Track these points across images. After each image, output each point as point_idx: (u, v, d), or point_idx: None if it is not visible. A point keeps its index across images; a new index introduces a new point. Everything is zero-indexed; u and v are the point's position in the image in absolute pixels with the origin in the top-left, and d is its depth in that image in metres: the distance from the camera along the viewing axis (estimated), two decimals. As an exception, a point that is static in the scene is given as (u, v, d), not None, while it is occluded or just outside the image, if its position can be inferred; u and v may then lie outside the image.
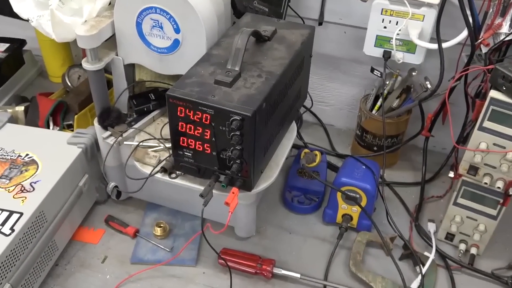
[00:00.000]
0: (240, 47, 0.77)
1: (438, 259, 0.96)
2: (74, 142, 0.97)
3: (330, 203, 1.00)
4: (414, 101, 1.06)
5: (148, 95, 0.99)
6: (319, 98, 1.29)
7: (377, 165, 1.02)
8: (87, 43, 0.85)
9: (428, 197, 1.10)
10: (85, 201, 1.01)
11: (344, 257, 0.97)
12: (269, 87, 0.76)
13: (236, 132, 0.72)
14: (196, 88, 0.74)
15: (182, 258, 0.94)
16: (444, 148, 1.21)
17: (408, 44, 0.98)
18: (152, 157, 0.89)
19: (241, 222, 0.96)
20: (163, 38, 0.87)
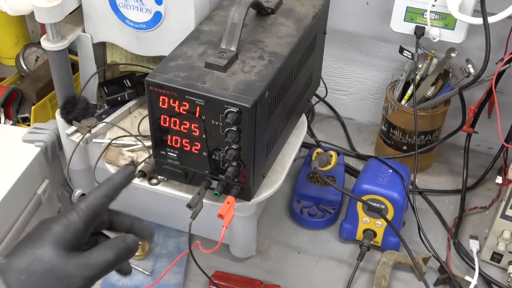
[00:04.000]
0: (237, 22, 0.77)
1: (482, 284, 0.96)
2: (31, 139, 0.97)
3: (349, 216, 1.01)
4: (453, 89, 1.06)
5: (123, 81, 1.00)
6: (335, 85, 1.29)
7: (407, 168, 1.02)
8: (47, 17, 0.85)
9: (470, 208, 1.10)
10: (45, 212, 1.01)
11: (366, 283, 0.97)
12: (273, 71, 0.76)
13: (232, 128, 0.73)
14: (182, 73, 0.74)
15: (165, 284, 0.95)
16: (490, 147, 1.21)
17: (446, 18, 0.98)
18: (128, 158, 0.89)
19: (238, 239, 0.97)
20: (141, 10, 0.87)
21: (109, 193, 0.53)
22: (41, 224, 0.51)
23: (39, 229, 0.50)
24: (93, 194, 0.52)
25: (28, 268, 0.47)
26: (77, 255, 0.50)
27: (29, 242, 0.49)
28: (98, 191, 0.53)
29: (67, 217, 0.51)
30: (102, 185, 0.54)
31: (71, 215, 0.51)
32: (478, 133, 1.12)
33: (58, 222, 0.50)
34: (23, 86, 1.17)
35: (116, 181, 0.54)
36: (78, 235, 0.50)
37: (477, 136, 1.13)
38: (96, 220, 0.53)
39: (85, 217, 0.51)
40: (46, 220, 0.51)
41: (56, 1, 0.84)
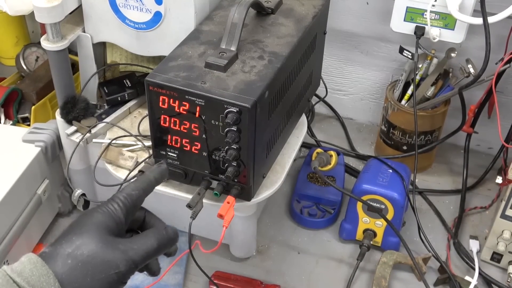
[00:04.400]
0: (237, 22, 0.77)
1: (482, 284, 0.96)
2: (31, 139, 0.97)
3: (349, 216, 1.01)
4: (453, 89, 1.06)
5: (123, 81, 1.00)
6: (335, 85, 1.29)
7: (407, 168, 1.02)
8: (47, 17, 0.85)
9: (470, 208, 1.10)
10: (45, 212, 1.01)
11: (366, 283, 0.97)
12: (273, 71, 0.76)
13: (231, 128, 0.73)
14: (182, 73, 0.74)
15: (165, 284, 0.95)
16: (490, 147, 1.22)
17: (446, 18, 0.98)
18: (128, 159, 0.89)
19: (238, 239, 0.97)
20: (141, 10, 0.87)
21: (144, 187, 0.55)
22: (82, 214, 0.52)
23: (82, 219, 0.52)
24: (129, 187, 0.54)
25: (74, 252, 0.48)
26: (121, 241, 0.51)
27: (73, 230, 0.51)
28: (134, 184, 0.55)
29: (108, 206, 0.52)
30: (137, 179, 0.56)
31: (111, 205, 0.52)
32: (478, 133, 1.12)
33: (100, 211, 0.52)
34: (23, 86, 1.17)
35: (151, 177, 0.56)
36: (119, 223, 0.52)
37: (477, 136, 1.13)
38: (134, 212, 0.55)
39: (124, 207, 0.53)
40: (87, 211, 0.53)
41: (56, 1, 0.84)
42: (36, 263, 0.46)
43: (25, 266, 0.46)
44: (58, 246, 0.49)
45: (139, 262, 0.51)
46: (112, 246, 0.50)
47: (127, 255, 0.50)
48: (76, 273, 0.47)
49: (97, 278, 0.48)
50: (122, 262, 0.50)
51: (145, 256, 0.52)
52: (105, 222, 0.51)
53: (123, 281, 0.50)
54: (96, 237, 0.50)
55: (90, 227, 0.50)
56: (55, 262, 0.48)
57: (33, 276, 0.45)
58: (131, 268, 0.51)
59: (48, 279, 0.46)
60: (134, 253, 0.51)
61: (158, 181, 0.57)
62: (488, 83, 1.00)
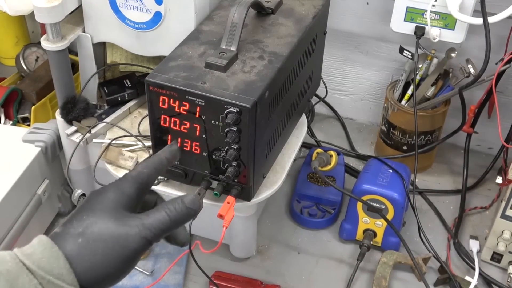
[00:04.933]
0: (237, 22, 0.77)
1: (482, 284, 0.96)
2: (31, 139, 0.97)
3: (349, 216, 1.01)
4: (454, 89, 1.06)
5: (123, 81, 1.00)
6: (335, 85, 1.29)
7: (407, 168, 1.02)
8: (47, 17, 0.85)
9: (470, 208, 1.10)
10: (45, 212, 1.01)
11: (366, 283, 0.97)
12: (273, 71, 0.76)
13: (232, 128, 0.73)
14: (182, 73, 0.74)
15: (165, 284, 0.95)
16: (491, 147, 1.22)
17: (446, 18, 0.98)
18: (128, 159, 0.89)
19: (238, 239, 0.97)
20: (141, 10, 0.87)
21: (156, 165, 0.55)
22: (92, 193, 0.52)
23: (92, 197, 0.51)
24: (141, 165, 0.54)
25: (84, 231, 0.48)
26: (132, 217, 0.50)
27: (84, 209, 0.50)
28: (146, 163, 0.55)
29: (118, 184, 0.52)
30: (149, 158, 0.56)
31: (121, 182, 0.52)
32: (478, 133, 1.12)
33: (110, 189, 0.51)
34: (23, 86, 1.17)
35: (162, 156, 0.56)
36: (130, 201, 0.51)
37: (477, 136, 1.13)
38: (146, 191, 0.54)
39: (135, 184, 0.52)
40: (98, 189, 0.52)
41: (56, 1, 0.84)
42: (46, 245, 0.46)
43: (35, 248, 0.46)
44: (69, 225, 0.49)
45: (152, 238, 0.50)
46: (123, 222, 0.49)
47: (138, 230, 0.49)
48: (87, 251, 0.47)
49: (108, 254, 0.48)
50: (133, 238, 0.49)
51: (158, 231, 0.50)
52: (115, 199, 0.50)
53: (136, 258, 0.49)
54: (106, 214, 0.49)
55: (101, 205, 0.50)
56: (65, 242, 0.47)
57: (43, 258, 0.45)
58: (144, 244, 0.49)
59: (58, 261, 0.45)
60: (145, 229, 0.49)
61: (170, 161, 0.56)
62: (488, 83, 1.00)
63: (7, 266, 0.44)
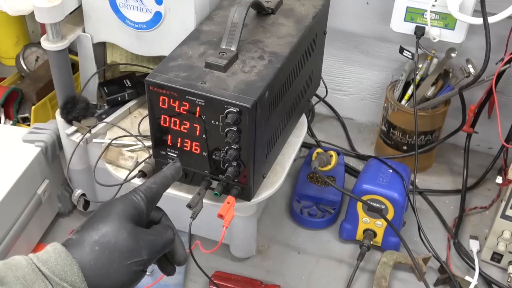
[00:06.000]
0: (237, 22, 0.77)
1: (482, 284, 0.96)
2: (31, 139, 0.97)
3: (349, 216, 1.01)
4: (454, 89, 1.06)
5: (123, 81, 1.00)
6: (335, 85, 1.29)
7: (407, 168, 1.02)
8: (47, 17, 0.85)
9: (470, 208, 1.10)
10: (45, 212, 1.01)
11: (366, 283, 0.97)
12: (273, 71, 0.76)
13: (232, 128, 0.73)
14: (182, 73, 0.74)
15: (165, 284, 0.95)
16: (491, 147, 1.22)
17: (446, 18, 0.98)
18: (128, 159, 0.89)
19: (238, 239, 0.97)
20: (141, 10, 0.87)
21: (162, 181, 0.58)
22: (105, 204, 0.54)
23: (106, 207, 0.53)
24: (149, 181, 0.57)
25: (100, 240, 0.50)
26: (143, 230, 0.53)
27: (98, 217, 0.52)
28: (153, 179, 0.57)
29: (130, 197, 0.54)
30: (155, 175, 0.58)
31: (133, 196, 0.54)
32: (478, 133, 1.12)
33: (122, 201, 0.54)
34: (23, 86, 1.17)
35: (168, 174, 0.59)
36: (141, 213, 0.54)
37: (477, 136, 1.13)
38: (153, 205, 0.57)
39: (145, 198, 0.54)
40: (109, 201, 0.54)
41: (56, 1, 0.84)
42: (61, 253, 0.48)
43: (50, 255, 0.47)
44: (85, 233, 0.50)
45: (160, 252, 0.54)
46: (136, 235, 0.52)
47: (149, 244, 0.52)
48: (103, 259, 0.49)
49: (122, 265, 0.50)
50: (145, 251, 0.52)
51: (164, 247, 0.54)
52: (128, 211, 0.53)
53: (145, 269, 0.52)
54: (122, 225, 0.51)
55: (115, 216, 0.52)
56: (82, 249, 0.49)
57: (58, 265, 0.47)
58: (152, 257, 0.53)
59: (72, 268, 0.47)
60: (156, 243, 0.53)
61: (175, 177, 0.59)
62: (488, 83, 1.00)
63: (23, 272, 0.46)
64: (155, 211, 0.59)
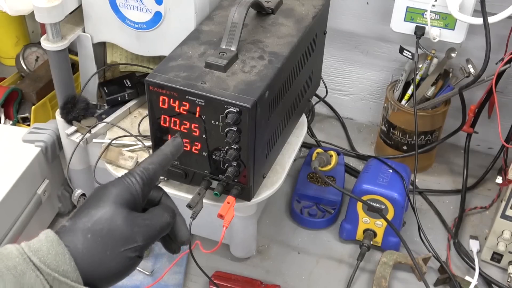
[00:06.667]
0: (237, 22, 0.77)
1: (482, 284, 0.96)
2: (31, 139, 0.97)
3: (349, 216, 1.01)
4: (454, 89, 1.06)
5: (123, 81, 1.00)
6: (335, 85, 1.29)
7: (407, 168, 1.02)
8: (47, 17, 0.85)
9: (470, 208, 1.10)
10: (45, 212, 1.01)
11: (366, 282, 0.97)
12: (273, 71, 0.76)
13: (232, 128, 0.73)
14: (182, 73, 0.74)
15: (165, 284, 0.95)
16: (491, 147, 1.21)
17: (446, 18, 0.98)
18: (128, 159, 0.89)
19: (238, 239, 0.97)
20: (141, 10, 0.87)
21: (161, 161, 0.55)
22: (99, 188, 0.52)
23: (99, 192, 0.51)
24: (146, 161, 0.54)
25: (93, 227, 0.48)
26: (138, 215, 0.51)
27: (91, 204, 0.50)
28: (151, 159, 0.55)
29: (125, 179, 0.52)
30: (153, 154, 0.56)
31: (128, 178, 0.52)
32: (478, 133, 1.12)
33: (117, 184, 0.52)
34: (23, 86, 1.17)
35: (167, 151, 0.56)
36: (136, 197, 0.52)
37: (477, 136, 1.13)
38: (151, 186, 0.54)
39: (141, 180, 0.52)
40: (104, 185, 0.52)
41: (56, 1, 0.84)
42: (53, 241, 0.47)
43: (42, 244, 0.47)
44: (78, 220, 0.49)
45: (155, 237, 0.52)
46: (131, 220, 0.50)
47: (145, 229, 0.50)
48: (96, 247, 0.48)
49: (117, 252, 0.48)
50: (140, 236, 0.50)
51: (160, 231, 0.52)
52: (122, 195, 0.51)
53: (140, 255, 0.51)
54: (115, 211, 0.50)
55: (108, 201, 0.50)
56: (74, 237, 0.48)
57: (49, 254, 0.46)
58: (148, 242, 0.51)
59: (63, 258, 0.46)
60: (151, 227, 0.51)
61: (174, 155, 0.57)
62: (488, 83, 1.00)
63: (14, 262, 0.45)
64: (154, 190, 0.56)
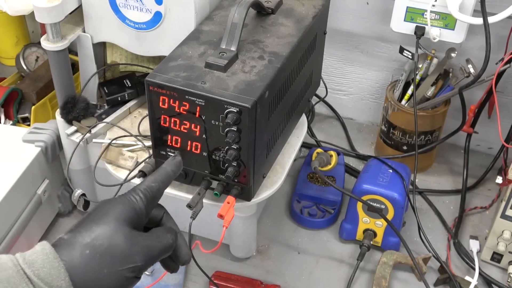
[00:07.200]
0: (237, 22, 0.77)
1: (482, 284, 0.96)
2: (31, 139, 0.97)
3: (349, 216, 1.01)
4: (454, 89, 1.06)
5: (123, 81, 1.00)
6: (335, 85, 1.29)
7: (407, 168, 1.02)
8: (47, 17, 0.85)
9: (470, 208, 1.10)
10: (45, 212, 1.01)
11: (366, 283, 0.97)
12: (273, 71, 0.76)
13: (232, 128, 0.73)
14: (182, 73, 0.74)
15: (165, 284, 0.95)
16: (491, 147, 1.22)
17: (446, 18, 0.98)
18: (128, 159, 0.89)
19: (238, 239, 0.97)
20: (141, 10, 0.87)
21: (163, 179, 0.55)
22: (102, 203, 0.51)
23: (102, 207, 0.50)
24: (149, 179, 0.54)
25: (93, 242, 0.47)
26: (140, 234, 0.50)
27: (93, 219, 0.49)
28: (154, 177, 0.54)
29: (129, 197, 0.51)
30: (156, 172, 0.55)
31: (132, 196, 0.51)
32: (478, 133, 1.12)
33: (120, 201, 0.51)
34: (23, 86, 1.17)
35: (168, 169, 0.56)
36: (140, 214, 0.51)
37: (477, 136, 1.13)
38: (154, 205, 0.54)
39: (145, 198, 0.52)
40: (107, 200, 0.51)
41: (56, 1, 0.84)
42: (49, 254, 0.45)
43: (37, 256, 0.45)
44: (77, 234, 0.48)
45: (156, 258, 0.51)
46: (132, 239, 0.49)
47: (145, 250, 0.49)
48: (94, 264, 0.46)
49: (114, 270, 0.47)
50: (140, 257, 0.49)
51: (160, 253, 0.51)
52: (126, 213, 0.50)
53: (138, 276, 0.49)
54: (117, 228, 0.48)
55: (111, 217, 0.49)
56: (72, 251, 0.46)
57: (44, 268, 0.45)
58: (147, 263, 0.50)
59: (58, 272, 0.45)
60: (152, 249, 0.50)
61: (175, 173, 0.56)
62: (488, 83, 1.00)
63: (7, 274, 0.44)
64: (156, 209, 0.56)
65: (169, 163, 0.57)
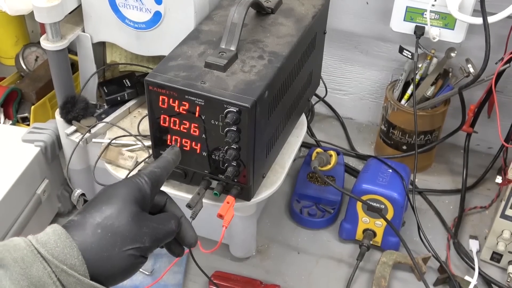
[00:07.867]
0: (236, 22, 0.77)
1: (481, 284, 0.96)
2: (30, 139, 0.97)
3: (348, 216, 1.01)
4: (453, 89, 1.06)
5: (123, 81, 1.00)
6: (335, 85, 1.29)
7: (407, 168, 1.02)
8: (46, 16, 0.85)
9: (470, 208, 1.10)
10: (44, 212, 1.01)
11: (366, 283, 0.97)
12: (272, 71, 0.76)
13: (231, 127, 0.73)
14: (182, 73, 0.74)
15: (165, 284, 0.95)
16: (490, 147, 1.22)
17: (446, 18, 0.98)
18: (128, 158, 0.89)
19: (237, 239, 0.97)
20: (141, 10, 0.87)
21: (165, 166, 0.56)
22: (108, 186, 0.52)
23: (110, 189, 0.51)
24: (151, 166, 0.55)
25: (104, 222, 0.48)
26: (147, 216, 0.51)
27: (101, 200, 0.50)
28: (156, 163, 0.56)
29: (135, 180, 0.52)
30: (157, 160, 0.57)
31: (137, 179, 0.53)
32: (478, 133, 1.12)
33: (127, 183, 0.52)
34: (23, 86, 1.17)
35: (169, 158, 0.57)
36: (146, 196, 0.52)
37: (477, 136, 1.13)
38: (157, 190, 0.55)
39: (150, 182, 0.53)
40: (113, 184, 0.52)
41: (56, 1, 0.84)
42: (61, 234, 0.46)
43: (49, 237, 0.46)
44: (88, 215, 0.49)
45: (162, 240, 0.52)
46: (140, 220, 0.50)
47: (152, 231, 0.51)
48: (105, 243, 0.47)
49: (124, 249, 0.48)
50: (147, 237, 0.50)
51: (167, 235, 0.53)
52: (133, 193, 0.51)
53: (145, 256, 0.51)
54: (126, 208, 0.49)
55: (119, 198, 0.50)
56: (83, 231, 0.47)
57: (57, 247, 0.45)
58: (154, 245, 0.51)
59: (71, 251, 0.46)
60: (159, 231, 0.51)
61: (175, 161, 0.58)
62: (488, 83, 1.00)
63: (21, 254, 0.45)
64: (159, 195, 0.57)
65: (168, 152, 0.58)
